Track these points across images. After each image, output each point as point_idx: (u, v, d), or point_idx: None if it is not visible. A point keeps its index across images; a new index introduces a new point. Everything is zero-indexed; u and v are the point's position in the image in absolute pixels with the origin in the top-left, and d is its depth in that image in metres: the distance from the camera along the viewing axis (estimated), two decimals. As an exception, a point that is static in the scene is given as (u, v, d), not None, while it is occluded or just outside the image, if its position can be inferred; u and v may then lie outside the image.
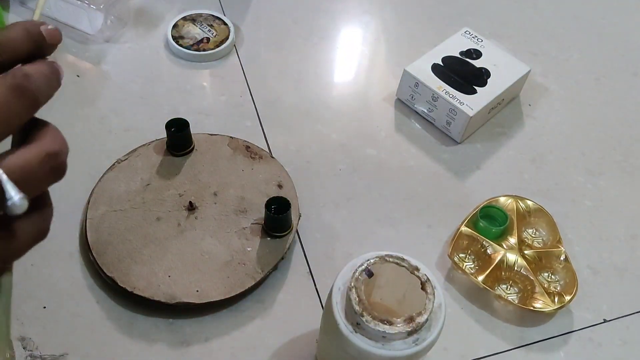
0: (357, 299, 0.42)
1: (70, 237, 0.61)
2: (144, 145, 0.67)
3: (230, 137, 0.68)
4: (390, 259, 0.44)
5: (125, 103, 0.72)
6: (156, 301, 0.55)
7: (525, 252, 0.62)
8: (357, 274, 0.44)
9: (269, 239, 0.60)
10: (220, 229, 0.61)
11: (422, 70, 0.72)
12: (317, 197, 0.66)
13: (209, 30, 0.79)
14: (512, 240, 0.63)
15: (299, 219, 0.63)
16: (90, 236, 0.59)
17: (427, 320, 0.42)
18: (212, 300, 0.56)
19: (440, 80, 0.71)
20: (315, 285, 0.60)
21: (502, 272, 0.61)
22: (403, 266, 0.44)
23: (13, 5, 0.79)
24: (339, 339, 0.43)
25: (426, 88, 0.71)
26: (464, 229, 0.63)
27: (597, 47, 0.86)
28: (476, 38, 0.77)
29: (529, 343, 0.58)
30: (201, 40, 0.78)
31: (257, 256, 0.59)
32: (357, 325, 0.42)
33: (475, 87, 0.71)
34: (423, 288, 0.43)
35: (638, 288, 0.63)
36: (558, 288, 0.60)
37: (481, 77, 0.72)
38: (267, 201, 0.59)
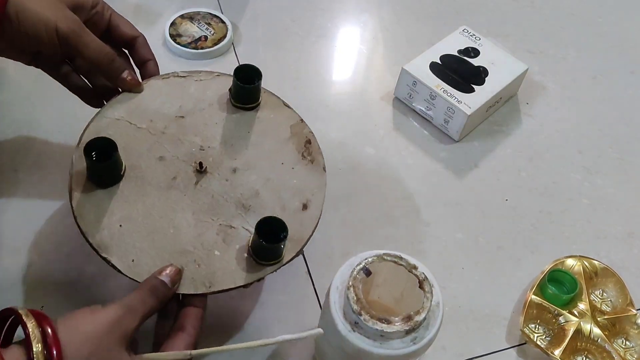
0: (355, 298, 0.42)
1: (68, 238, 0.60)
2: (208, 71, 0.59)
3: (302, 120, 0.59)
4: (388, 258, 0.45)
5: (123, 102, 0.72)
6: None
7: (599, 318, 0.58)
8: (355, 272, 0.44)
9: (253, 261, 0.50)
10: (207, 212, 0.51)
11: (420, 68, 0.72)
12: (315, 195, 0.66)
13: (207, 29, 0.79)
14: (582, 306, 0.59)
15: (302, 248, 0.52)
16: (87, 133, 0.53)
17: (425, 318, 0.42)
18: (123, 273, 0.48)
19: (439, 79, 0.71)
20: (313, 284, 0.60)
21: (577, 343, 0.57)
22: (401, 265, 0.44)
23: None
24: (337, 338, 0.43)
25: (424, 86, 0.71)
26: (532, 297, 0.59)
27: (594, 45, 0.86)
28: (474, 36, 0.77)
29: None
30: (199, 39, 0.78)
31: (216, 270, 0.49)
32: (355, 324, 0.43)
33: (473, 86, 0.71)
34: (421, 286, 0.44)
35: (638, 287, 0.63)
36: (635, 357, 0.57)
37: (479, 75, 0.72)
38: (258, 222, 0.48)
